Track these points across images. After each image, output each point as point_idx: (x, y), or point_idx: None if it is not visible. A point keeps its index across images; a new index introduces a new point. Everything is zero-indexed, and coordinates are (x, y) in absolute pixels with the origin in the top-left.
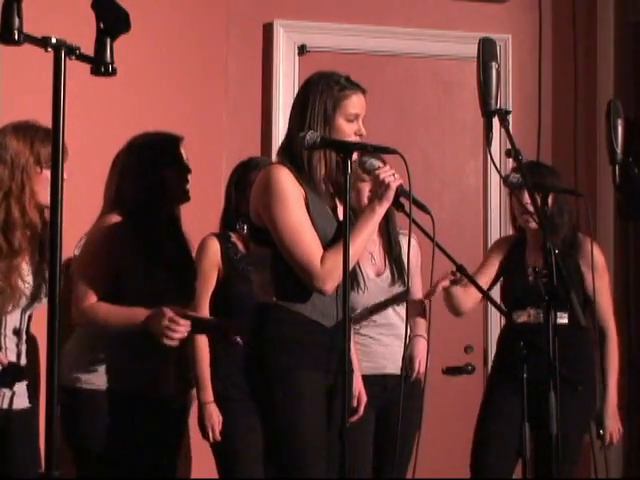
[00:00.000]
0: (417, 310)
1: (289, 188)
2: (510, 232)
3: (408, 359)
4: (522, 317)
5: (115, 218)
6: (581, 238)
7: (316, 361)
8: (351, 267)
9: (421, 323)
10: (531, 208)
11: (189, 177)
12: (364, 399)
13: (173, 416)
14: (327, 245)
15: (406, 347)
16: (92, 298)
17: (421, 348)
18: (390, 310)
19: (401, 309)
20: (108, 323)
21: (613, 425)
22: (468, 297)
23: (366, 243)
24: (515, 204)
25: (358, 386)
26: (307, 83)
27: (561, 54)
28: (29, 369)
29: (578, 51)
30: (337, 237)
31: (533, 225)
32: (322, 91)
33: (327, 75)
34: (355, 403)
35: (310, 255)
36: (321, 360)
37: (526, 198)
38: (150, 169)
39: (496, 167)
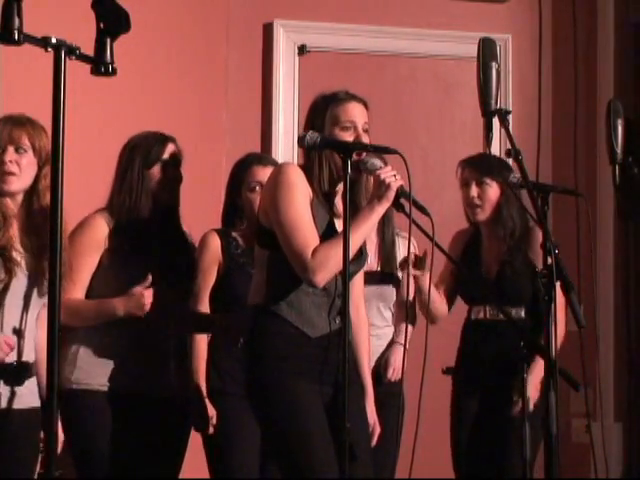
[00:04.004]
0: (404, 314)
1: (297, 183)
2: None
3: (383, 363)
4: (479, 313)
5: (97, 217)
6: (532, 227)
7: (307, 373)
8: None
9: (403, 331)
10: (478, 202)
11: (175, 179)
12: (377, 430)
13: (175, 413)
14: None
15: (385, 352)
16: (66, 293)
17: (397, 357)
18: (374, 309)
19: (386, 310)
20: (79, 316)
21: (534, 394)
22: (441, 300)
23: (361, 240)
24: (462, 198)
25: (373, 417)
26: (310, 104)
27: (561, 54)
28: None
29: (578, 51)
30: (330, 236)
31: (481, 217)
32: (317, 106)
33: (326, 92)
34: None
35: (304, 246)
36: (313, 373)
37: (472, 192)
38: (131, 169)
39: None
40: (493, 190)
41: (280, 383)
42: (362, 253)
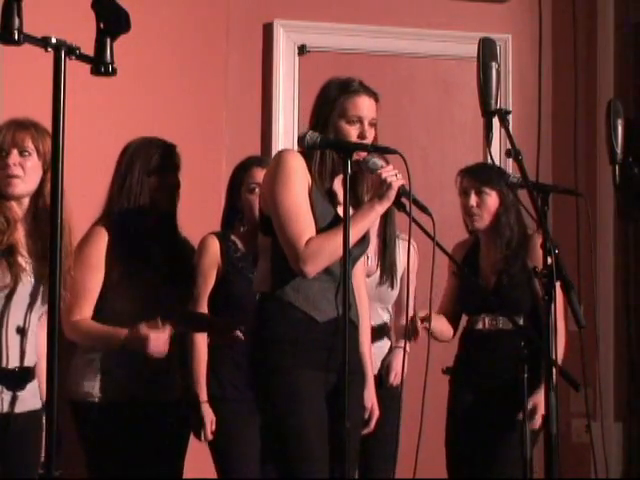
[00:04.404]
0: (402, 322)
1: (296, 170)
2: None
3: (386, 367)
4: (478, 324)
5: (100, 230)
6: (530, 235)
7: (314, 360)
8: (337, 258)
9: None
10: (476, 210)
11: (175, 186)
12: (376, 413)
13: (176, 416)
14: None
15: (387, 355)
16: (80, 312)
17: (399, 361)
18: (372, 311)
19: (384, 312)
20: (96, 341)
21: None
22: (447, 327)
23: (357, 237)
24: (461, 207)
25: (371, 399)
26: (322, 86)
27: (561, 54)
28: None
29: (578, 51)
30: (329, 227)
31: (479, 225)
32: (328, 92)
33: (341, 78)
34: (367, 416)
35: (298, 235)
36: (319, 359)
37: (472, 201)
38: (132, 178)
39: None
40: (492, 199)
41: (284, 370)
42: (364, 237)
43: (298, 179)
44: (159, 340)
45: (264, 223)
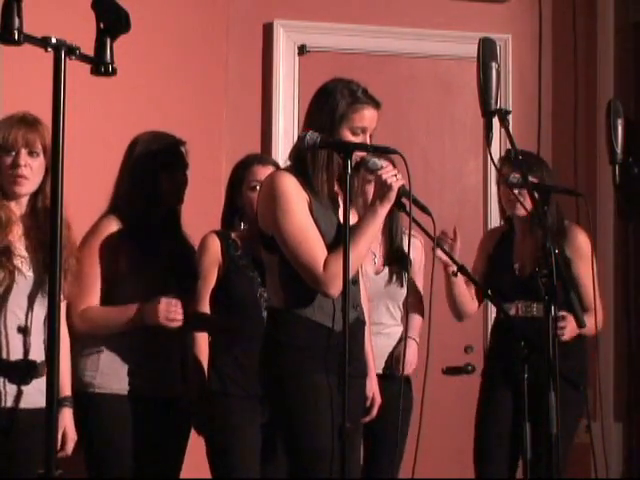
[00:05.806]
0: (414, 311)
1: (292, 193)
2: None
3: (395, 359)
4: (510, 311)
5: (110, 221)
6: (567, 225)
7: (327, 365)
8: (356, 269)
9: (415, 326)
10: (519, 197)
11: (184, 183)
12: (378, 401)
13: (180, 415)
14: (330, 247)
15: (396, 346)
16: (86, 302)
17: (411, 351)
18: (382, 308)
19: (395, 309)
20: (107, 323)
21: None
22: (470, 298)
23: (369, 245)
24: (502, 193)
25: (373, 387)
26: (324, 87)
27: (561, 54)
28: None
29: (578, 51)
30: (340, 240)
31: (521, 212)
32: (334, 98)
33: (345, 82)
34: (368, 404)
35: (313, 259)
36: (332, 363)
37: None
38: (144, 172)
39: (496, 167)
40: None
41: (301, 373)
42: None
43: (296, 200)
44: (171, 305)
45: (266, 241)
